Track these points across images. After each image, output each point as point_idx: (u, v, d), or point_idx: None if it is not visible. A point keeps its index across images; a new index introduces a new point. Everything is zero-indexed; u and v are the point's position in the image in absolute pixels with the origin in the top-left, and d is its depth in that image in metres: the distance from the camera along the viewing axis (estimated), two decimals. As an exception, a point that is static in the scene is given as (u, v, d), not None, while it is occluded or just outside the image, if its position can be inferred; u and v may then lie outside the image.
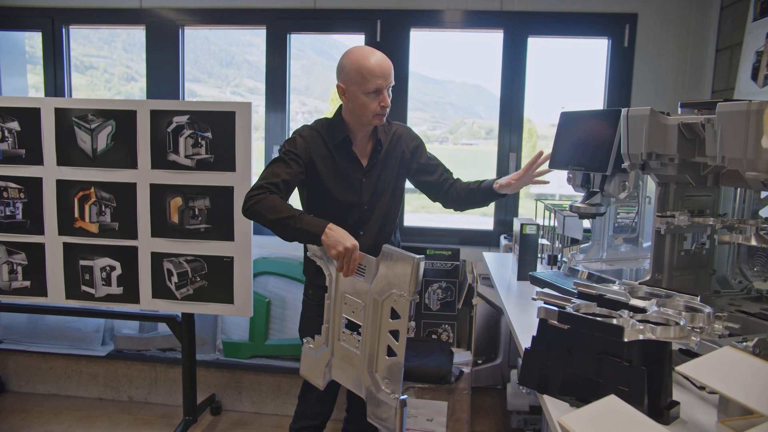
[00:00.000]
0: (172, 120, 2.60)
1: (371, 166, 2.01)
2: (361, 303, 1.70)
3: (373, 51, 1.88)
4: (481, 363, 2.94)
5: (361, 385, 1.75)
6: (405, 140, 2.09)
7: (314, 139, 1.97)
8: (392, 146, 2.05)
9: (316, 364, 1.89)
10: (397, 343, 1.64)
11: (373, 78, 1.84)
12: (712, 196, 1.59)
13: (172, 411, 3.18)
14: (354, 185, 1.99)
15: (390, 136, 2.06)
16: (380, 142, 2.02)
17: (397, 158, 2.06)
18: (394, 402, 1.65)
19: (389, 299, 1.63)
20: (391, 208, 2.07)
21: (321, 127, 2.01)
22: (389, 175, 2.04)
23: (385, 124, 2.06)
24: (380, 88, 1.86)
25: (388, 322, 1.65)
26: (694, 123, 1.33)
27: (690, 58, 2.92)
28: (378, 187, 2.02)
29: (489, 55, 3.18)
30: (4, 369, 3.36)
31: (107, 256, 2.71)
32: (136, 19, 3.21)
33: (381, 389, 1.69)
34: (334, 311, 1.81)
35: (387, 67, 1.87)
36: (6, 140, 2.71)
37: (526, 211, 3.26)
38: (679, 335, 1.11)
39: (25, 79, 3.73)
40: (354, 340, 1.75)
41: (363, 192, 2.00)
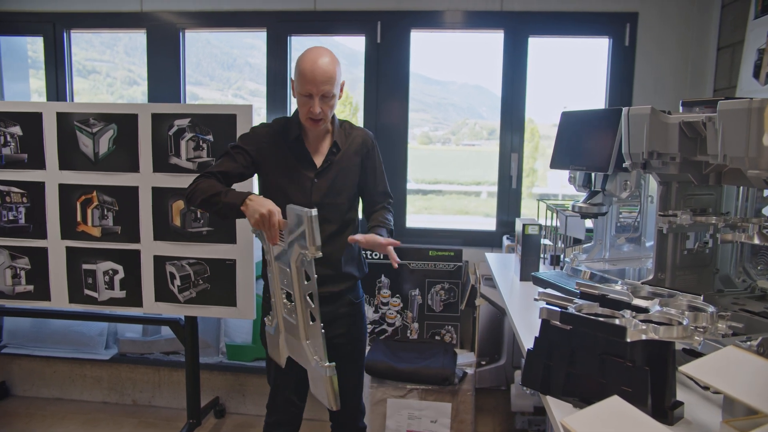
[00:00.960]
0: (174, 123, 2.60)
1: (325, 167, 1.95)
2: (288, 271, 1.69)
3: (320, 56, 1.81)
4: (485, 364, 2.94)
5: (307, 359, 1.73)
6: (363, 146, 2.03)
7: (268, 135, 1.96)
8: (351, 150, 2.00)
9: (273, 341, 1.90)
10: (313, 305, 1.64)
11: (304, 82, 1.81)
12: (715, 194, 1.58)
13: (176, 414, 3.18)
14: (304, 185, 1.93)
15: (350, 139, 2.01)
16: (336, 144, 1.96)
17: (356, 163, 2.01)
18: (323, 371, 1.64)
19: (299, 261, 1.63)
20: (348, 212, 2.01)
21: (278, 124, 2.00)
22: (345, 179, 1.99)
23: (347, 127, 2.03)
24: (310, 93, 1.81)
25: (304, 284, 1.65)
26: (696, 121, 1.32)
27: (691, 57, 2.91)
28: (332, 189, 1.95)
29: (490, 56, 3.18)
30: (8, 373, 3.37)
31: (110, 260, 2.72)
32: (137, 23, 3.22)
33: (312, 358, 1.69)
34: (273, 282, 1.79)
35: (320, 75, 1.79)
36: (8, 145, 2.72)
37: (528, 211, 3.25)
38: (683, 335, 1.11)
39: (28, 84, 3.74)
40: (292, 309, 1.74)
41: (313, 192, 1.93)
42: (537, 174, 4.04)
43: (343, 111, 3.75)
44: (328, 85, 1.81)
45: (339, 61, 1.88)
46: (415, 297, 3.01)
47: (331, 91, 1.83)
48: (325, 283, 1.94)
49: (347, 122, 2.06)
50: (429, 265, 2.99)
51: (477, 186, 5.24)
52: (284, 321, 1.82)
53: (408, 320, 3.01)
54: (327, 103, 1.85)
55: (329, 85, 1.81)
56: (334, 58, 1.85)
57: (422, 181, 4.81)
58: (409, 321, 3.01)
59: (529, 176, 3.26)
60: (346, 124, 2.05)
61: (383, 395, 2.70)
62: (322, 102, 1.83)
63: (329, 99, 1.85)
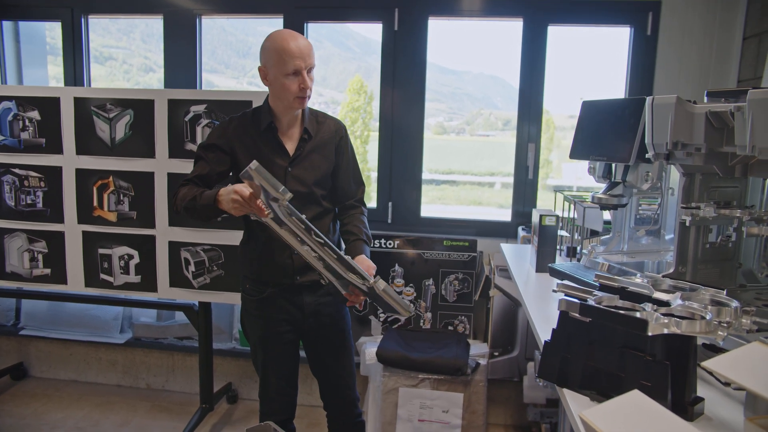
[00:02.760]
0: (190, 109, 2.60)
1: (298, 155, 1.93)
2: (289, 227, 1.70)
3: (294, 34, 1.84)
4: (498, 355, 2.92)
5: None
6: (335, 134, 2.00)
7: (237, 127, 1.94)
8: (323, 136, 1.98)
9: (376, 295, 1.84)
10: (322, 240, 1.69)
11: (291, 59, 1.80)
12: (739, 187, 1.55)
13: (189, 399, 3.21)
14: (278, 174, 1.88)
15: (321, 126, 1.99)
16: (308, 131, 1.94)
17: (328, 150, 1.98)
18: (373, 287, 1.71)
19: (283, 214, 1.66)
20: (323, 198, 1.99)
21: (245, 116, 1.98)
22: (320, 167, 1.96)
23: (318, 115, 2.01)
24: (299, 69, 1.81)
25: (303, 228, 1.69)
26: (723, 111, 1.29)
27: (715, 46, 2.84)
28: (306, 177, 1.93)
29: (507, 45, 3.13)
30: (26, 355, 3.42)
31: (125, 245, 2.74)
32: (154, 9, 3.21)
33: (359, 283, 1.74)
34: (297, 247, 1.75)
35: (306, 48, 1.82)
36: (27, 129, 2.74)
37: (543, 203, 3.22)
38: (706, 330, 1.08)
39: (46, 70, 3.76)
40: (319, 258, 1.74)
41: (288, 181, 1.90)
42: (551, 165, 4.00)
43: (358, 100, 3.72)
44: (312, 57, 1.85)
45: None
46: (428, 286, 2.99)
47: (314, 63, 1.87)
48: (306, 273, 1.94)
49: (317, 111, 2.04)
50: (443, 255, 2.98)
51: (491, 177, 5.19)
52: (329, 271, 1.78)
53: (421, 310, 3.00)
54: (312, 77, 1.87)
55: (312, 58, 1.86)
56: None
57: (436, 171, 4.78)
58: (422, 310, 3.00)
59: (543, 167, 3.22)
60: (317, 112, 2.03)
61: (395, 384, 2.70)
62: (308, 76, 1.85)
63: (311, 73, 1.87)
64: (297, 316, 1.99)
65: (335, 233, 2.07)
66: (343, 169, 2.03)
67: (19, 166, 2.76)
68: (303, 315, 2.00)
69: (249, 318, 2.06)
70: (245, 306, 2.08)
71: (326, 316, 2.03)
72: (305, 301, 1.99)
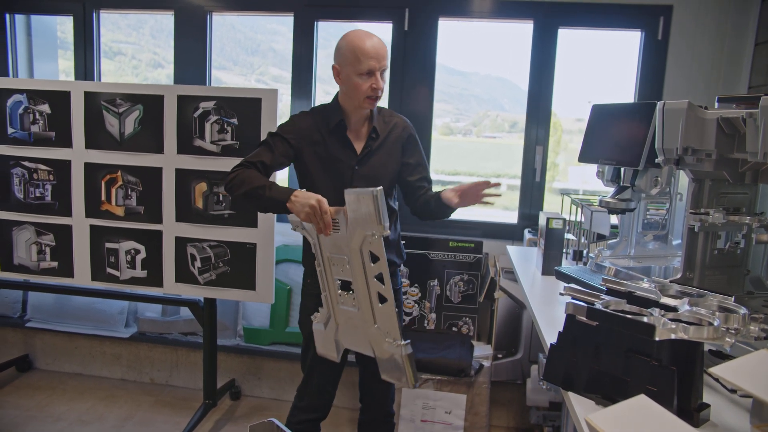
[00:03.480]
0: (199, 105, 2.61)
1: (365, 153, 1.95)
2: (345, 258, 1.65)
3: (370, 34, 1.86)
4: (501, 357, 2.92)
5: (369, 345, 1.69)
6: (402, 132, 2.02)
7: (308, 124, 1.96)
8: (390, 136, 2.00)
9: (327, 337, 1.85)
10: (383, 286, 1.59)
11: (366, 59, 1.82)
12: (749, 194, 1.54)
13: (192, 394, 3.22)
14: (344, 172, 1.93)
15: (389, 126, 2.00)
16: (376, 129, 1.95)
17: (395, 149, 2.00)
18: (397, 349, 1.59)
19: (365, 243, 1.58)
20: (388, 200, 1.99)
21: (317, 112, 1.99)
22: (386, 166, 1.98)
23: (386, 114, 2.02)
24: (372, 69, 1.83)
25: (371, 267, 1.60)
26: (735, 117, 1.28)
27: (726, 52, 2.83)
28: (372, 176, 1.94)
29: (515, 47, 3.13)
30: (32, 347, 3.44)
31: (132, 240, 2.75)
32: (166, 4, 3.23)
33: (384, 341, 1.63)
34: (326, 276, 1.75)
35: (381, 50, 1.84)
36: (37, 122, 2.75)
37: (550, 206, 3.21)
38: (713, 336, 1.08)
39: (56, 64, 3.78)
40: (350, 299, 1.70)
41: (354, 180, 1.93)
42: (558, 168, 3.99)
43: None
44: (386, 59, 1.87)
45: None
46: (433, 287, 2.99)
47: (387, 66, 1.88)
48: None
49: (385, 108, 2.05)
50: (449, 256, 2.98)
51: (497, 178, 5.19)
52: (341, 313, 1.76)
53: (426, 310, 3.01)
54: (384, 79, 1.89)
55: (387, 60, 1.87)
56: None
57: (442, 172, 4.78)
58: (426, 311, 3.00)
59: (550, 170, 3.21)
60: (385, 110, 2.04)
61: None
62: (381, 77, 1.87)
63: (384, 74, 1.88)
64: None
65: (397, 232, 2.09)
66: (413, 166, 2.04)
67: (29, 159, 2.78)
68: None
69: (306, 313, 2.04)
70: (304, 301, 2.09)
71: None
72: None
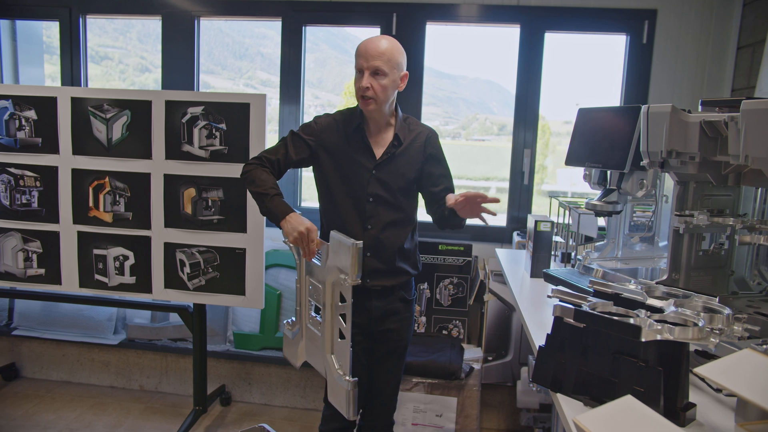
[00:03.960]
0: (187, 111, 2.60)
1: (385, 159, 1.94)
2: (321, 287, 1.80)
3: (376, 37, 1.86)
4: (492, 360, 2.93)
5: (324, 368, 1.86)
6: (425, 142, 1.99)
7: (329, 126, 1.97)
8: (413, 144, 1.97)
9: (292, 345, 1.99)
10: (344, 325, 1.73)
11: (357, 57, 1.85)
12: (732, 195, 1.56)
13: (182, 401, 3.20)
14: (362, 176, 1.92)
15: (413, 134, 1.98)
16: (398, 137, 1.94)
17: (416, 158, 1.98)
18: (345, 383, 1.75)
19: (337, 283, 1.73)
20: (405, 206, 1.98)
21: (340, 115, 2.00)
22: (405, 174, 1.96)
23: (411, 122, 2.01)
24: (360, 68, 1.84)
25: (338, 305, 1.75)
26: (717, 121, 1.31)
27: (710, 56, 2.87)
28: (389, 183, 1.93)
29: (503, 50, 3.15)
30: (18, 355, 3.40)
31: (121, 246, 2.73)
32: (153, 10, 3.22)
33: (335, 371, 1.79)
34: (302, 295, 1.90)
35: (372, 49, 1.82)
36: (23, 129, 2.73)
37: (539, 208, 3.24)
38: (698, 336, 1.10)
39: (42, 69, 3.75)
40: (317, 322, 1.85)
41: (370, 184, 1.92)
42: (547, 171, 4.02)
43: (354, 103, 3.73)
44: (378, 60, 1.82)
45: (401, 50, 1.90)
46: (423, 291, 3.00)
47: (381, 67, 1.82)
48: (378, 277, 1.95)
49: (411, 117, 2.03)
50: (438, 259, 2.99)
51: (486, 181, 5.22)
52: (307, 330, 1.90)
53: (416, 314, 3.01)
54: (378, 81, 1.84)
55: (379, 61, 1.82)
56: (393, 42, 1.87)
57: (432, 175, 4.80)
58: (417, 314, 3.01)
59: (538, 173, 3.24)
60: (411, 119, 2.02)
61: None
62: (372, 78, 1.83)
63: (380, 77, 1.84)
64: (365, 320, 1.98)
65: (413, 243, 2.06)
66: (436, 177, 1.99)
67: (15, 166, 2.75)
68: (370, 319, 2.00)
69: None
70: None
71: (395, 322, 2.03)
72: (374, 304, 1.99)
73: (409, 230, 2.02)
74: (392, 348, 2.07)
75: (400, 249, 1.98)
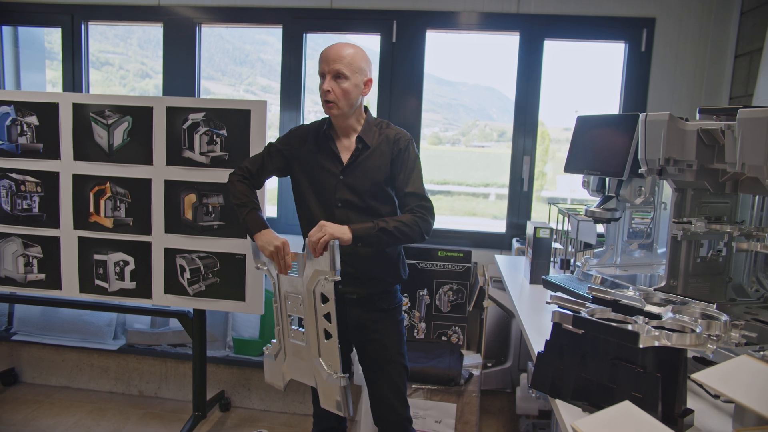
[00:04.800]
0: (188, 117, 2.62)
1: (351, 163, 1.92)
2: (299, 297, 1.86)
3: (339, 43, 1.87)
4: (491, 366, 2.94)
5: (312, 375, 1.90)
6: (392, 145, 1.95)
7: (302, 135, 2.00)
8: (380, 147, 1.94)
9: (275, 367, 2.04)
10: (330, 324, 1.78)
11: (319, 62, 1.87)
12: (730, 203, 1.57)
13: (181, 406, 3.20)
14: (329, 182, 1.92)
15: (381, 137, 1.95)
16: (362, 139, 1.93)
17: (383, 161, 1.94)
18: (338, 381, 1.79)
19: (318, 285, 1.79)
20: (379, 210, 1.95)
21: (313, 125, 2.04)
22: (372, 177, 1.92)
23: (382, 126, 1.98)
24: (322, 72, 1.86)
25: (321, 306, 1.80)
26: (714, 129, 1.32)
27: (708, 64, 2.89)
28: (357, 187, 1.92)
29: (503, 57, 3.18)
30: (18, 360, 3.40)
31: (121, 251, 2.74)
32: (155, 17, 3.24)
33: (326, 371, 1.83)
34: (281, 312, 1.96)
35: (333, 53, 1.83)
36: (25, 134, 2.74)
37: (538, 214, 3.25)
38: (695, 343, 1.11)
39: (44, 75, 3.77)
40: (299, 334, 1.91)
41: (338, 190, 1.92)
42: (546, 177, 4.03)
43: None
44: (339, 63, 1.82)
45: (366, 56, 1.90)
46: (423, 297, 3.01)
47: (342, 71, 1.83)
48: (351, 284, 1.94)
49: (384, 122, 2.01)
50: (438, 266, 3.00)
51: (485, 188, 5.23)
52: (290, 345, 1.95)
53: (415, 320, 3.02)
54: (339, 85, 1.84)
55: (339, 64, 1.82)
56: (357, 48, 1.88)
57: (431, 182, 4.81)
58: (416, 320, 3.02)
59: (538, 179, 3.25)
60: (383, 123, 2.00)
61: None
62: (333, 82, 1.83)
63: (342, 80, 1.84)
64: (341, 330, 1.90)
65: (395, 249, 2.03)
66: (399, 179, 1.94)
67: (16, 171, 2.76)
68: (346, 328, 1.98)
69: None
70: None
71: (374, 332, 2.00)
72: (348, 314, 1.98)
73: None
74: (378, 354, 2.02)
75: (376, 255, 1.95)
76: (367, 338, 2.01)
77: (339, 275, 1.73)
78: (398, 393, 2.05)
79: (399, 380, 2.05)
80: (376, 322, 2.00)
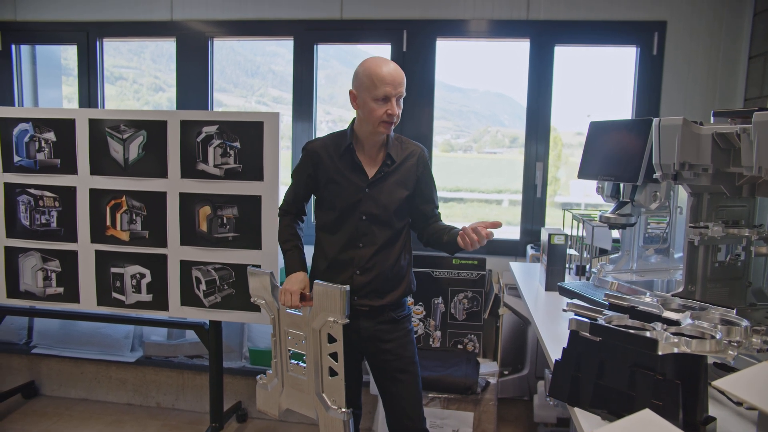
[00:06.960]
0: (202, 130, 2.64)
1: (378, 178, 1.96)
2: (302, 335, 1.98)
3: (387, 61, 1.89)
4: (508, 374, 2.91)
5: (313, 409, 2.01)
6: (417, 161, 2.02)
7: (320, 149, 2.01)
8: (405, 163, 2.01)
9: (270, 396, 2.13)
10: (336, 363, 1.91)
11: (382, 85, 1.85)
12: (747, 206, 1.56)
13: (198, 417, 3.21)
14: (354, 194, 1.96)
15: (405, 153, 2.02)
16: (390, 156, 1.97)
17: (409, 176, 2.01)
18: (341, 416, 1.91)
19: (325, 327, 1.90)
20: (397, 224, 2.00)
21: (329, 138, 2.04)
22: (398, 192, 1.98)
23: (403, 141, 2.04)
24: (388, 95, 1.86)
25: (327, 346, 1.91)
26: (729, 133, 1.31)
27: (721, 66, 2.87)
28: (383, 201, 1.96)
29: (513, 63, 3.17)
30: (38, 373, 3.44)
31: (137, 264, 2.77)
32: (168, 32, 3.28)
33: (329, 407, 1.95)
34: (280, 346, 2.06)
35: (398, 77, 1.87)
36: (42, 150, 2.79)
37: (552, 220, 3.23)
38: (716, 349, 1.09)
39: (60, 91, 3.84)
40: (300, 369, 2.03)
41: (363, 203, 1.95)
42: (559, 183, 4.01)
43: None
44: (402, 87, 1.90)
45: None
46: (438, 305, 3.00)
47: (404, 92, 1.91)
48: (367, 296, 1.97)
49: (402, 136, 2.07)
50: (452, 274, 2.99)
51: (498, 194, 5.22)
52: (289, 378, 2.07)
53: (431, 328, 3.01)
54: (400, 105, 1.92)
55: (402, 87, 1.90)
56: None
57: (443, 189, 4.80)
58: (431, 329, 3.01)
59: (551, 185, 3.24)
60: (402, 138, 2.05)
61: None
62: (398, 103, 1.90)
63: (400, 101, 1.92)
64: (353, 338, 1.98)
65: (407, 260, 2.07)
66: (426, 193, 2.05)
67: (35, 187, 2.81)
68: (359, 338, 2.01)
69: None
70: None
71: (386, 342, 2.02)
72: (361, 325, 2.00)
73: (401, 248, 2.03)
74: (392, 365, 2.03)
75: (392, 267, 1.99)
76: (379, 348, 2.02)
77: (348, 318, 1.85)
78: (413, 402, 2.06)
79: (414, 389, 2.06)
80: (387, 333, 2.02)
